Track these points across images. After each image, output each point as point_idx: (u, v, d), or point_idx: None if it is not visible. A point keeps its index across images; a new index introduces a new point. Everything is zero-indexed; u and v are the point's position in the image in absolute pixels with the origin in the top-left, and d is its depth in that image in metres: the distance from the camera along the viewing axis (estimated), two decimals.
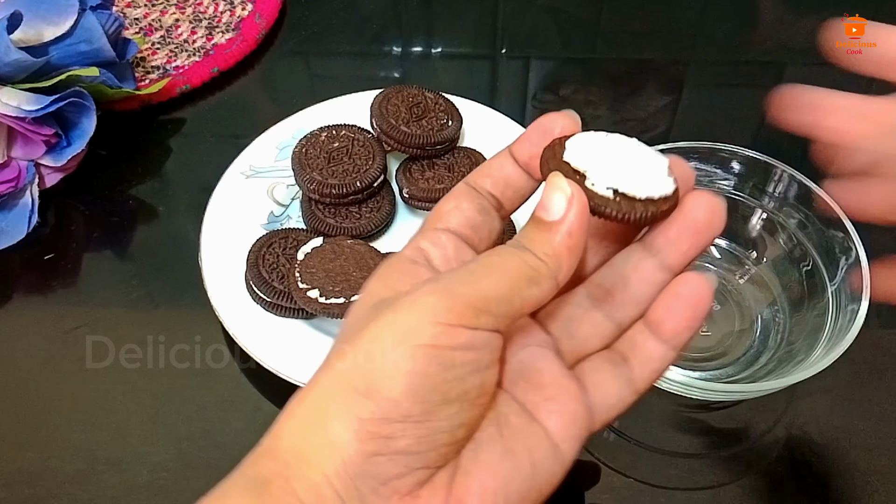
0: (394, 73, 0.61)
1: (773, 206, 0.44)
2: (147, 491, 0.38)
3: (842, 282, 0.40)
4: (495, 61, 0.62)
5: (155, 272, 0.48)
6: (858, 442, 0.39)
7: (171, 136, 0.55)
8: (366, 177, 0.45)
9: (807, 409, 0.40)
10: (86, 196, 0.51)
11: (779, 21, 0.65)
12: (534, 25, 0.65)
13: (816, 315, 0.40)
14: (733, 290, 0.45)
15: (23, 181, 0.48)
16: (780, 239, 0.44)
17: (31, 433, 0.40)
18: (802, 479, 0.38)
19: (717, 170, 0.45)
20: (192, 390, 0.41)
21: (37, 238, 0.48)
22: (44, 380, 0.42)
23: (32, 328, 0.45)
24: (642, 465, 0.39)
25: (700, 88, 0.60)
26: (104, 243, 0.49)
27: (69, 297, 0.46)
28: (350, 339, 0.24)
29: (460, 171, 0.46)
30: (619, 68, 0.61)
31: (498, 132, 0.51)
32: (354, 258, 0.42)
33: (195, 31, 0.61)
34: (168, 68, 0.58)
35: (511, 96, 0.58)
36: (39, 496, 0.38)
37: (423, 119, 0.47)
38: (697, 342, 0.42)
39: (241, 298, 0.42)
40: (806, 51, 0.61)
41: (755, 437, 0.40)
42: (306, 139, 0.47)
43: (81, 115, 0.48)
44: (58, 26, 0.48)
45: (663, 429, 0.40)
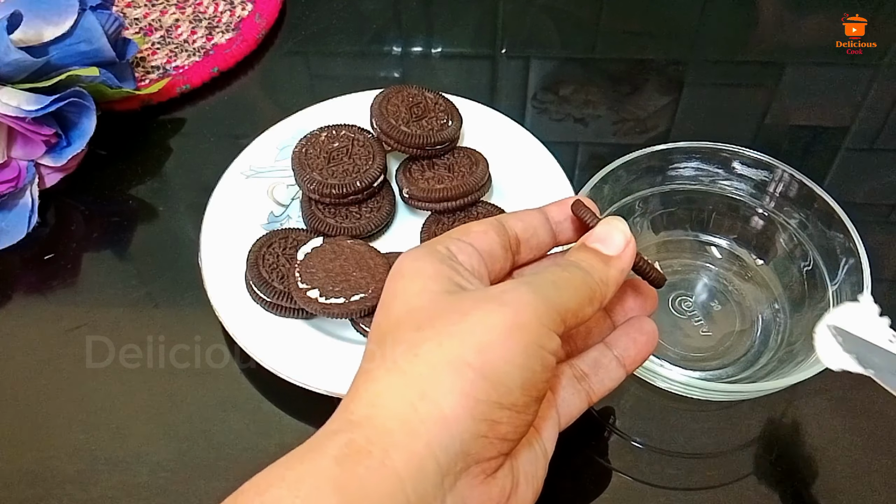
0: (394, 73, 0.61)
1: (774, 206, 0.44)
2: (147, 491, 0.38)
3: (843, 282, 0.40)
4: (495, 61, 0.62)
5: (155, 272, 0.48)
6: (858, 442, 0.39)
7: (171, 136, 0.55)
8: (366, 177, 0.45)
9: (807, 409, 0.40)
10: (86, 196, 0.51)
11: (779, 21, 0.65)
12: (534, 25, 0.65)
13: (817, 315, 0.40)
14: (734, 290, 0.45)
15: (23, 181, 0.48)
16: (781, 239, 0.44)
17: (31, 433, 0.40)
18: (802, 479, 0.38)
19: (719, 170, 0.45)
20: (192, 390, 0.41)
21: (37, 238, 0.48)
22: (44, 380, 0.42)
23: (32, 328, 0.45)
24: (642, 465, 0.39)
25: (700, 88, 0.60)
26: (104, 243, 0.49)
27: (69, 297, 0.46)
28: (449, 319, 0.25)
29: (460, 171, 0.46)
30: (619, 68, 0.61)
31: (498, 132, 0.51)
32: (354, 258, 0.42)
33: (195, 31, 0.61)
34: (168, 68, 0.58)
35: (511, 96, 0.58)
36: (39, 496, 0.38)
37: (423, 119, 0.47)
38: (697, 342, 0.42)
39: (241, 298, 0.42)
40: (806, 51, 0.61)
41: (755, 437, 0.40)
42: (306, 139, 0.47)
43: (81, 115, 0.48)
44: (58, 26, 0.48)
45: (663, 429, 0.40)
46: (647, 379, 0.38)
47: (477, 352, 0.24)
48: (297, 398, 0.39)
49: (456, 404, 0.24)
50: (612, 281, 0.28)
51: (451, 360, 0.24)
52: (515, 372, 0.24)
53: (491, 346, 0.24)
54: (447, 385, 0.24)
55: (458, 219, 0.46)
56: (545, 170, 0.48)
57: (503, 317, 0.25)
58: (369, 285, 0.40)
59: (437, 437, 0.23)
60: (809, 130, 0.56)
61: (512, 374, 0.24)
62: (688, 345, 0.42)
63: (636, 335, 0.32)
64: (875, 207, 0.51)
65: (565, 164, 0.48)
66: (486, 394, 0.24)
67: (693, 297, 0.44)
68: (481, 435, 0.24)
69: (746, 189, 0.45)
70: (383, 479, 0.23)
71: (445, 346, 0.24)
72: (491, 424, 0.24)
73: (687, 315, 0.43)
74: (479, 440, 0.24)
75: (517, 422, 0.25)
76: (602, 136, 0.56)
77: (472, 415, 0.24)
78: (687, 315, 0.43)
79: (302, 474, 0.23)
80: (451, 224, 0.46)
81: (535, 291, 0.26)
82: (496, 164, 0.48)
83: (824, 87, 0.59)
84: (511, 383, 0.24)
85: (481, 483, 0.25)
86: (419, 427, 0.24)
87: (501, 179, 0.49)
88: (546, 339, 0.25)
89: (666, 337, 0.42)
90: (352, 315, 0.40)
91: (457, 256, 0.28)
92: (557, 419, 0.30)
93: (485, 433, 0.24)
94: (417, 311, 0.26)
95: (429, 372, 0.24)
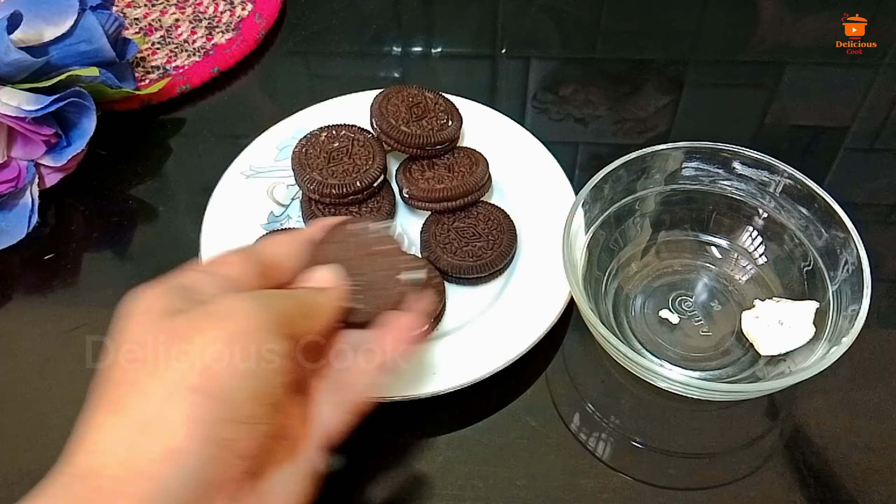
0: (394, 73, 0.61)
1: (774, 206, 0.44)
2: None
3: (843, 282, 0.40)
4: (495, 61, 0.62)
5: (155, 272, 0.47)
6: (858, 442, 0.39)
7: (171, 136, 0.55)
8: (366, 177, 0.45)
9: (807, 409, 0.40)
10: (86, 196, 0.51)
11: (779, 21, 0.65)
12: (534, 25, 0.65)
13: (817, 315, 0.40)
14: (734, 290, 0.44)
15: (23, 181, 0.48)
16: (781, 239, 0.44)
17: (31, 433, 0.40)
18: (802, 479, 0.38)
19: (719, 170, 0.45)
20: None
21: (37, 238, 0.48)
22: (44, 380, 0.42)
23: (32, 328, 0.45)
24: (642, 465, 0.39)
25: (700, 88, 0.60)
26: (104, 243, 0.49)
27: (69, 297, 0.46)
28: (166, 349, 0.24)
29: (460, 171, 0.46)
30: (619, 68, 0.61)
31: (498, 132, 0.51)
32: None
33: (195, 31, 0.61)
34: (168, 68, 0.58)
35: (511, 96, 0.58)
36: None
37: (423, 119, 0.47)
38: (697, 342, 0.42)
39: None
40: (806, 51, 0.61)
41: (755, 437, 0.40)
42: (306, 139, 0.47)
43: (81, 115, 0.48)
44: (58, 26, 0.48)
45: (663, 429, 0.40)
46: (647, 379, 0.38)
47: (200, 373, 0.23)
48: None
49: (184, 434, 0.23)
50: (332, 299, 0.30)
51: (174, 388, 0.23)
52: (244, 382, 0.24)
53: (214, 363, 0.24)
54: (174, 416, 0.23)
55: (458, 219, 0.46)
56: (545, 170, 0.48)
57: (221, 330, 0.24)
58: None
59: (167, 472, 0.22)
60: (809, 130, 0.56)
61: (241, 386, 0.24)
62: (688, 345, 0.42)
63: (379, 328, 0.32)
64: (875, 207, 0.51)
65: (565, 164, 0.48)
66: (217, 412, 0.23)
67: (693, 297, 0.44)
68: (216, 457, 0.23)
69: (746, 189, 0.45)
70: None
71: (167, 376, 0.24)
72: (225, 443, 0.23)
73: (687, 315, 0.43)
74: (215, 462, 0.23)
75: (254, 434, 0.24)
76: (602, 136, 0.56)
77: (204, 439, 0.23)
78: (687, 315, 0.43)
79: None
80: (451, 224, 0.46)
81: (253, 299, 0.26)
82: (496, 164, 0.48)
83: (824, 87, 0.59)
84: (241, 395, 0.24)
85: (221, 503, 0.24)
86: (146, 467, 0.22)
87: (501, 179, 0.49)
88: (269, 341, 0.25)
89: (666, 337, 0.42)
90: None
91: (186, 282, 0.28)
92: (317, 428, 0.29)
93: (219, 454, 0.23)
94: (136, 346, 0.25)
95: (151, 406, 0.23)
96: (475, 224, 0.46)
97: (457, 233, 0.45)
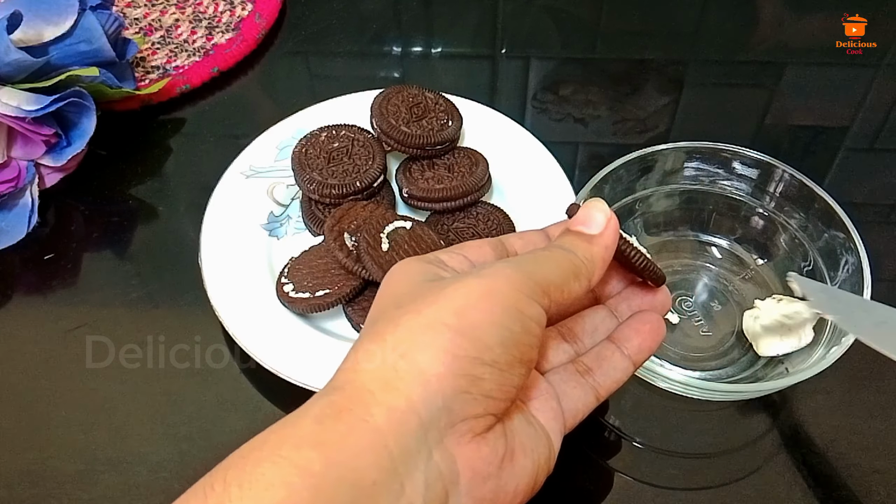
0: (394, 73, 0.61)
1: (774, 206, 0.44)
2: (147, 491, 0.38)
3: (843, 282, 0.40)
4: (495, 61, 0.62)
5: (155, 272, 0.48)
6: (858, 442, 0.39)
7: (171, 136, 0.55)
8: (366, 177, 0.45)
9: (807, 409, 0.40)
10: (86, 196, 0.51)
11: (779, 21, 0.65)
12: (534, 25, 0.65)
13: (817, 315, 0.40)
14: (734, 290, 0.45)
15: (23, 181, 0.48)
16: (781, 239, 0.44)
17: (31, 433, 0.40)
18: (802, 479, 0.38)
19: (719, 170, 0.45)
20: (192, 390, 0.41)
21: (37, 238, 0.48)
22: (44, 380, 0.42)
23: (32, 328, 0.45)
24: (642, 465, 0.39)
25: (700, 88, 0.60)
26: (104, 243, 0.49)
27: (69, 297, 0.46)
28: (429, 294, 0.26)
29: (460, 171, 0.46)
30: (619, 68, 0.61)
31: (498, 132, 0.51)
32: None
33: (195, 31, 0.61)
34: (168, 68, 0.58)
35: (511, 96, 0.58)
36: (39, 496, 0.38)
37: (423, 119, 0.47)
38: (697, 342, 0.42)
39: (241, 298, 0.42)
40: (806, 51, 0.61)
41: (755, 437, 0.40)
42: (306, 139, 0.47)
43: (81, 115, 0.48)
44: (58, 26, 0.48)
45: (663, 429, 0.40)
46: (647, 379, 0.38)
47: (454, 313, 0.25)
48: (297, 398, 0.38)
49: (435, 360, 0.24)
50: (597, 257, 0.29)
51: (429, 322, 0.25)
52: (493, 329, 0.25)
53: (467, 308, 0.25)
54: (425, 344, 0.25)
55: (458, 219, 0.46)
56: (545, 170, 0.48)
57: (479, 285, 0.26)
58: (339, 283, 0.41)
59: (417, 393, 0.24)
60: (809, 130, 0.56)
61: (489, 331, 0.25)
62: (688, 345, 0.42)
63: (638, 326, 0.32)
64: (875, 207, 0.51)
65: (565, 164, 0.48)
66: (465, 349, 0.25)
67: (693, 297, 0.44)
68: (463, 390, 0.25)
69: (746, 189, 0.45)
70: (364, 433, 0.23)
71: (424, 314, 0.26)
72: (472, 380, 0.25)
73: (687, 315, 0.43)
74: (462, 395, 0.25)
75: (501, 380, 0.25)
76: (602, 136, 0.56)
77: (452, 370, 0.24)
78: (687, 315, 0.43)
79: (283, 436, 0.24)
80: (451, 224, 0.46)
81: (514, 265, 0.27)
82: (496, 164, 0.48)
83: (824, 87, 0.59)
84: (489, 339, 0.25)
85: (470, 441, 0.25)
86: (399, 385, 0.24)
87: (501, 179, 0.49)
88: (524, 304, 0.26)
89: (666, 337, 0.42)
90: (312, 309, 0.41)
91: (445, 262, 0.30)
92: (560, 411, 0.30)
93: (466, 388, 0.25)
94: (400, 296, 0.27)
95: (408, 336, 0.25)
96: (475, 224, 0.46)
97: (456, 233, 0.45)
